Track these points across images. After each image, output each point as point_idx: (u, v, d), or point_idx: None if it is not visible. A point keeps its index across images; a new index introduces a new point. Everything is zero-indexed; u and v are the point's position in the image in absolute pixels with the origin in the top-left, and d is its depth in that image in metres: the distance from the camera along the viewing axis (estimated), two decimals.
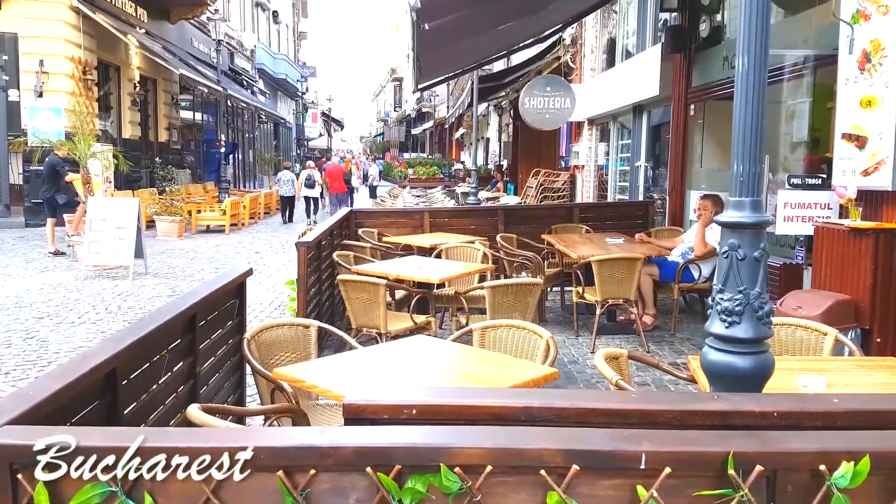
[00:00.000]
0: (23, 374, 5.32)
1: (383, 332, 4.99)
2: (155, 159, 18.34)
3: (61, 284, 8.75)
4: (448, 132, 38.71)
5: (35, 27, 13.83)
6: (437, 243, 6.87)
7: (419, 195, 18.32)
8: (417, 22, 4.81)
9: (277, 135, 36.15)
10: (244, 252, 12.22)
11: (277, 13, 34.52)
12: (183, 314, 2.90)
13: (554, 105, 10.01)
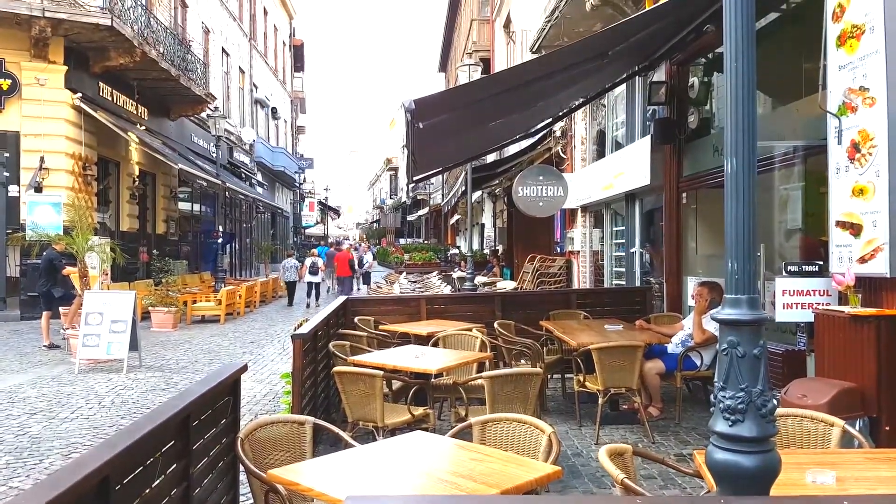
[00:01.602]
0: (13, 473, 5.17)
1: (380, 425, 4.88)
2: (152, 251, 18.45)
3: (55, 378, 8.62)
4: (443, 218, 39.27)
5: (37, 125, 14.22)
6: (434, 331, 6.80)
7: (415, 280, 18.38)
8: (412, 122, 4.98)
9: (275, 224, 36.61)
10: (239, 342, 12.12)
11: (276, 109, 35.70)
12: (177, 415, 2.84)
13: (547, 193, 10.23)
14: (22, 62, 14.11)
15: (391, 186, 63.28)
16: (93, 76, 15.40)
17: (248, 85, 30.16)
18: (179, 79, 17.57)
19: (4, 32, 13.76)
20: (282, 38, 38.68)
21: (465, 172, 13.21)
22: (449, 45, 34.70)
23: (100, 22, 13.81)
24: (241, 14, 29.10)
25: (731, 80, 2.13)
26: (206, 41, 23.74)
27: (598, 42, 5.75)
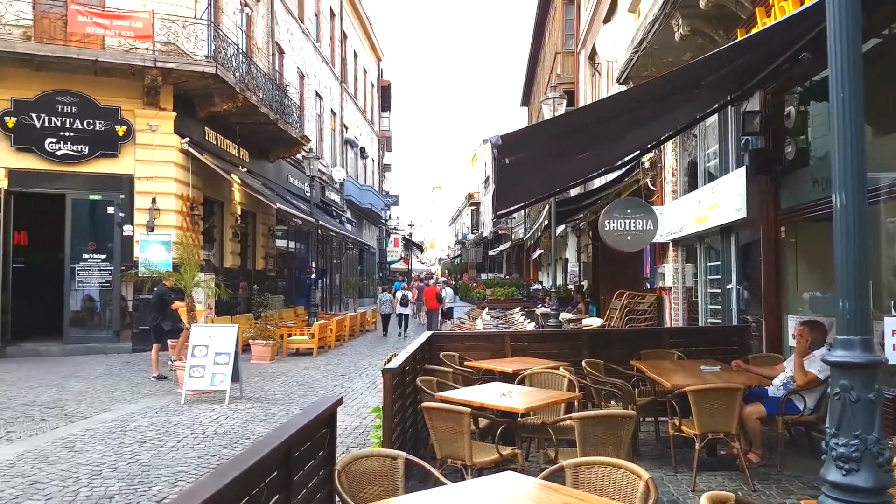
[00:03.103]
0: (125, 499, 5.48)
1: (468, 463, 4.86)
2: (252, 287, 19.32)
3: (163, 408, 9.12)
4: (525, 253, 39.04)
5: (149, 169, 15.27)
6: (519, 368, 6.74)
7: (497, 316, 18.33)
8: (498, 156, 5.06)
9: (362, 260, 37.56)
10: (330, 375, 12.44)
11: (364, 149, 36.93)
12: (280, 447, 2.97)
13: (635, 227, 10.02)
14: (136, 110, 15.25)
15: (472, 221, 63.71)
16: (199, 121, 16.48)
17: (339, 126, 31.37)
18: (277, 122, 18.52)
19: (120, 83, 14.95)
20: (370, 80, 40.10)
21: (549, 206, 13.13)
22: (532, 80, 34.92)
23: (205, 70, 14.82)
24: (332, 58, 30.44)
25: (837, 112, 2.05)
26: (301, 86, 24.96)
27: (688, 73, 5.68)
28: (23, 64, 14.02)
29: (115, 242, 15.14)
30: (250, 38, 20.07)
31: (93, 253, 15.11)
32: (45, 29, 14.73)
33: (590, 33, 18.74)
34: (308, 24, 26.45)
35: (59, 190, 14.84)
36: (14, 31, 14.13)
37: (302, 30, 25.43)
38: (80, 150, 14.75)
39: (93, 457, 6.66)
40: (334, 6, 30.89)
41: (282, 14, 22.91)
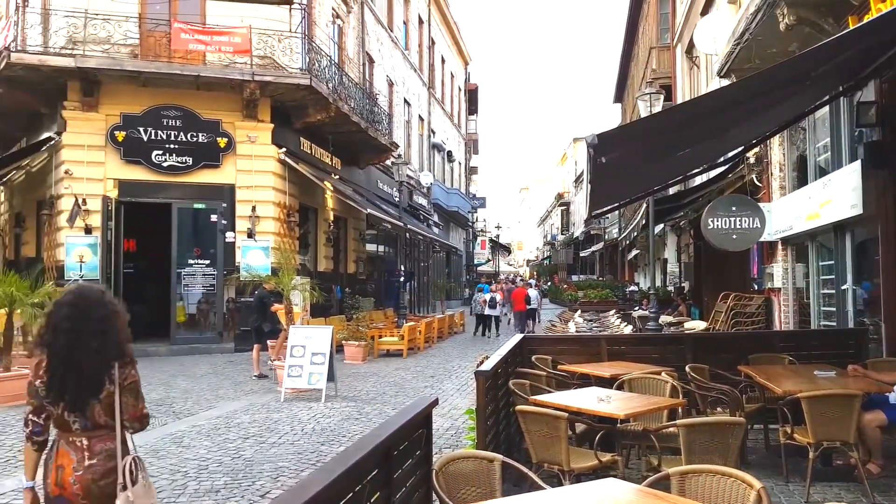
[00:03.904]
0: (230, 493, 5.71)
1: (566, 469, 4.79)
2: (344, 289, 19.83)
3: (264, 406, 9.48)
4: (620, 254, 38.14)
5: (249, 178, 15.93)
6: (617, 373, 6.54)
7: (591, 319, 17.95)
8: (594, 156, 4.92)
9: (449, 262, 37.80)
10: (420, 376, 12.56)
11: (451, 153, 37.19)
12: (380, 445, 3.00)
13: (741, 225, 9.55)
14: (236, 122, 15.93)
15: (562, 222, 62.83)
16: (294, 132, 17.08)
17: (427, 131, 31.74)
18: (367, 130, 18.94)
19: (221, 96, 15.67)
20: (457, 84, 40.37)
21: (647, 205, 12.73)
22: (625, 76, 34.13)
23: (300, 82, 15.33)
24: (420, 65, 30.85)
25: None
26: (390, 93, 25.43)
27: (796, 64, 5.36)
28: (131, 81, 14.90)
29: (217, 248, 15.87)
30: (342, 49, 20.63)
31: (197, 258, 15.90)
32: (151, 47, 15.63)
33: (686, 26, 18.12)
34: (397, 32, 26.94)
35: (166, 199, 15.69)
36: (122, 50, 15.06)
37: (391, 38, 25.92)
38: (184, 161, 15.55)
39: (199, 452, 6.99)
40: (422, 13, 31.31)
41: (372, 24, 23.43)
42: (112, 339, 3.00)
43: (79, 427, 2.93)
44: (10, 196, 19.00)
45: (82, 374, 2.91)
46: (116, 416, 2.95)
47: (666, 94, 14.51)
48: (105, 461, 2.92)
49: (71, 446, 2.92)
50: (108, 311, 3.05)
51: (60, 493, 2.87)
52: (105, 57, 14.58)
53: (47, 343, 2.94)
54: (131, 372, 3.02)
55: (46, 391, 2.91)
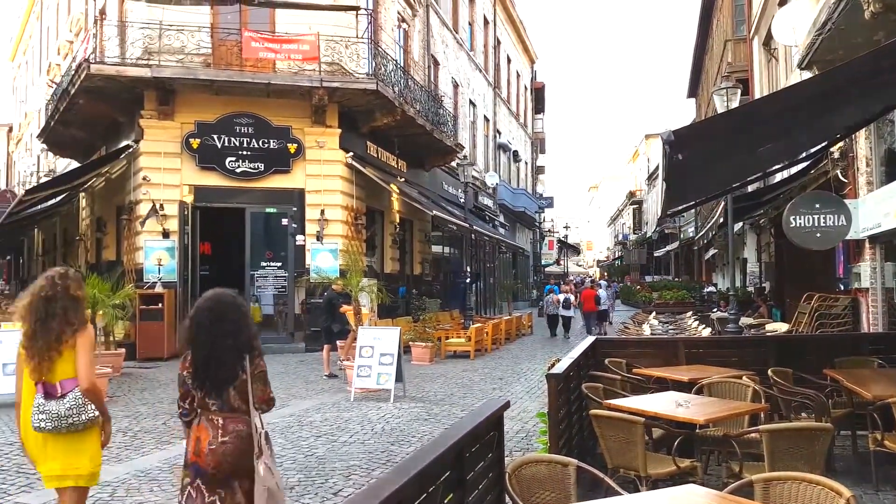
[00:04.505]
0: (304, 490, 5.81)
1: (642, 474, 4.71)
2: (411, 290, 19.97)
3: (335, 405, 9.63)
4: (696, 253, 37.06)
5: (318, 183, 16.23)
6: (696, 377, 6.37)
7: (667, 321, 17.48)
8: (670, 153, 4.76)
9: (516, 263, 37.56)
10: (488, 378, 12.49)
11: (517, 152, 36.93)
12: (454, 447, 2.98)
13: (825, 223, 9.08)
14: (305, 128, 16.26)
15: (634, 221, 61.44)
16: (361, 136, 17.32)
17: (492, 132, 31.66)
18: (433, 133, 19.04)
19: (290, 103, 16.02)
20: (523, 83, 40.11)
21: (725, 203, 12.30)
22: (699, 70, 33.12)
23: (366, 87, 15.54)
24: (486, 65, 30.81)
25: None
26: (455, 95, 25.51)
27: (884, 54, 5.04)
28: (204, 89, 15.40)
29: (288, 251, 16.25)
30: (407, 53, 20.81)
31: (269, 261, 16.32)
32: (223, 56, 16.11)
33: (763, 17, 17.44)
34: (462, 33, 26.99)
35: (239, 204, 16.16)
36: (196, 60, 15.59)
37: (456, 40, 25.98)
38: (256, 167, 15.98)
39: (274, 449, 7.10)
40: (488, 14, 31.26)
41: (437, 27, 23.55)
42: (243, 335, 3.51)
43: (216, 408, 3.45)
44: (91, 202, 20.03)
45: (220, 365, 3.44)
46: (249, 400, 3.45)
47: (743, 88, 13.97)
48: (235, 440, 3.39)
49: (209, 423, 3.43)
50: (240, 312, 3.59)
51: (196, 461, 3.40)
52: (179, 66, 15.13)
53: (192, 339, 3.49)
54: (259, 362, 3.55)
55: (192, 379, 3.46)
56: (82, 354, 3.76)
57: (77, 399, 3.74)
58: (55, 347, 3.72)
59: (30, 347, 3.73)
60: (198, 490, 3.38)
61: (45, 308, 3.75)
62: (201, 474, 3.38)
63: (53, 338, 3.72)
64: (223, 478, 3.38)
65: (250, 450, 3.40)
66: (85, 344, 3.78)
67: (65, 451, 3.76)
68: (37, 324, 3.73)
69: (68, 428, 3.72)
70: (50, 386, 3.73)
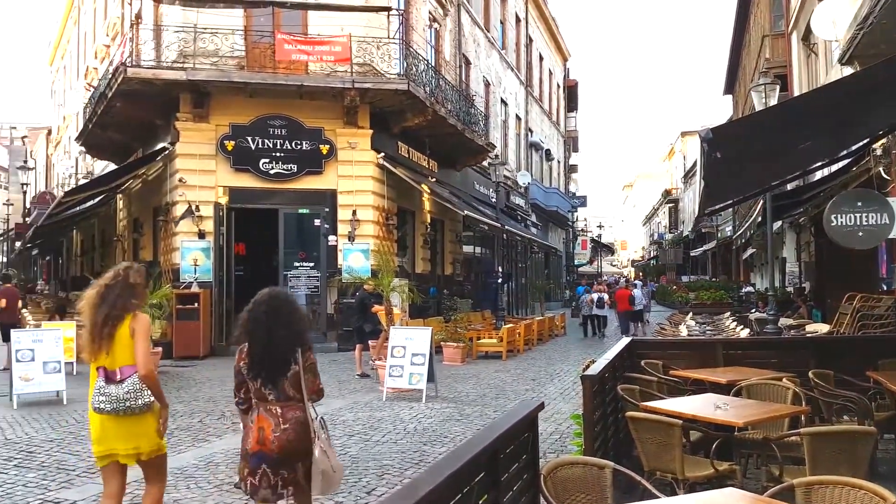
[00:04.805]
0: (338, 488, 5.80)
1: (680, 477, 4.65)
2: (442, 291, 19.97)
3: (367, 404, 9.66)
4: (734, 253, 36.44)
5: (349, 184, 16.30)
6: (734, 379, 6.28)
7: (704, 322, 17.20)
8: (708, 151, 4.68)
9: (548, 263, 37.33)
10: (521, 379, 12.41)
11: (550, 151, 36.68)
12: (488, 448, 2.95)
13: (868, 222, 8.83)
14: (337, 129, 16.33)
15: (670, 220, 60.56)
16: (392, 136, 17.37)
17: (524, 130, 31.51)
18: (464, 132, 19.00)
19: (322, 104, 16.12)
20: (556, 81, 39.86)
21: (764, 201, 12.04)
22: (736, 66, 32.54)
23: (398, 88, 15.56)
24: (518, 63, 30.68)
25: None
26: (486, 94, 25.44)
27: None
28: (238, 92, 15.57)
29: (320, 251, 16.37)
30: (438, 53, 20.81)
31: (302, 261, 16.46)
32: (256, 58, 16.28)
33: (803, 12, 17.05)
34: (494, 32, 26.92)
35: (272, 205, 16.32)
36: (230, 63, 15.77)
37: (488, 39, 25.93)
38: (289, 168, 16.12)
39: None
40: (520, 12, 31.12)
41: (468, 26, 23.52)
42: (296, 330, 3.83)
43: (273, 398, 3.77)
44: (128, 203, 20.43)
45: (275, 356, 3.75)
46: (303, 389, 3.78)
47: (781, 84, 13.64)
48: (294, 425, 3.74)
49: (268, 413, 3.74)
50: (293, 308, 3.94)
51: (260, 449, 3.70)
52: (214, 69, 15.32)
53: (250, 333, 3.80)
54: (310, 356, 3.88)
55: (248, 370, 3.77)
56: (140, 342, 3.98)
57: (135, 384, 3.96)
58: (110, 332, 3.95)
59: (90, 333, 4.00)
60: (263, 474, 3.71)
61: (104, 295, 4.02)
62: (267, 460, 3.70)
63: (109, 323, 3.96)
64: (286, 460, 3.71)
65: (308, 434, 3.74)
66: (142, 332, 3.99)
67: (125, 432, 4.00)
68: (96, 310, 3.99)
69: (125, 411, 3.95)
70: (110, 371, 3.98)
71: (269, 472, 3.70)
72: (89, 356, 4.03)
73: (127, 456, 4.05)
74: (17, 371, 9.52)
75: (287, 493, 3.79)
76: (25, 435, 7.83)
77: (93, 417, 4.05)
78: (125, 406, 3.94)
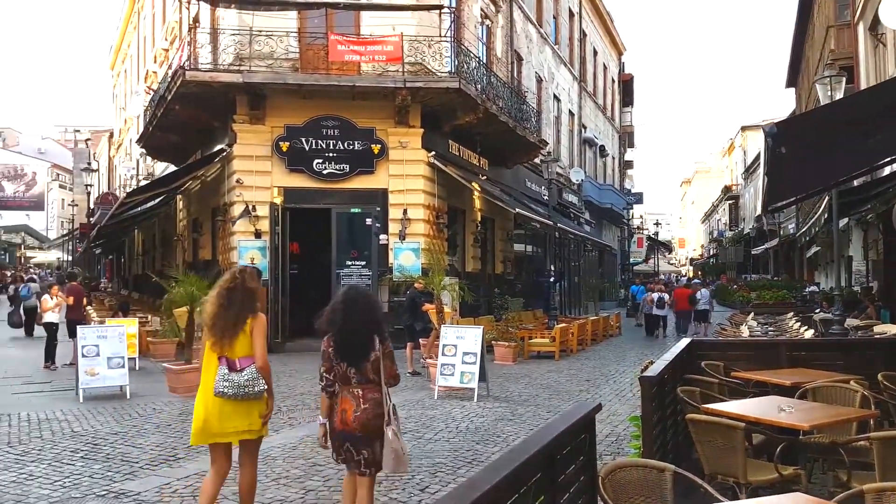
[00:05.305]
0: (391, 485, 5.85)
1: (742, 482, 4.56)
2: (494, 289, 19.88)
3: (419, 402, 9.68)
4: (798, 251, 35.27)
5: (400, 183, 16.37)
6: (799, 381, 6.10)
7: (766, 322, 16.67)
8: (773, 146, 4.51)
9: (602, 262, 36.71)
10: (574, 380, 12.24)
11: (604, 147, 36.07)
12: (545, 448, 2.91)
13: None
14: (388, 129, 16.40)
15: (730, 217, 58.91)
16: (443, 135, 17.36)
17: (577, 126, 31.11)
18: (516, 129, 18.84)
19: (374, 104, 16.21)
20: (610, 76, 39.25)
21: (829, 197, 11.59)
22: (799, 58, 31.43)
23: (449, 86, 15.52)
24: (571, 58, 30.32)
25: None
26: (538, 90, 25.21)
27: None
28: (293, 93, 15.78)
29: (372, 250, 16.49)
30: (490, 49, 20.72)
31: (354, 260, 16.61)
32: (310, 60, 16.47)
33: (870, 1, 16.38)
34: (546, 27, 26.66)
35: (325, 205, 16.48)
36: (284, 65, 16.01)
37: (540, 34, 25.69)
38: (342, 168, 16.29)
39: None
40: (573, 6, 30.74)
41: (520, 22, 23.35)
42: (373, 319, 4.34)
43: (356, 381, 4.24)
44: (187, 204, 20.98)
45: (354, 342, 4.24)
46: (381, 373, 4.24)
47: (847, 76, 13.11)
48: (373, 406, 4.20)
49: (350, 395, 4.22)
50: (370, 301, 4.54)
51: (343, 428, 4.20)
52: (269, 72, 15.58)
53: (333, 322, 4.29)
54: (388, 344, 4.33)
55: (335, 355, 4.26)
56: (258, 338, 4.55)
57: (253, 373, 4.49)
58: (234, 329, 4.50)
59: (213, 326, 4.55)
60: (348, 451, 4.22)
61: (227, 297, 4.57)
62: (350, 438, 4.20)
63: (232, 321, 4.50)
64: (367, 438, 4.18)
65: (382, 414, 4.19)
66: (260, 329, 4.57)
67: (240, 414, 4.51)
68: (220, 309, 4.54)
69: (244, 396, 4.46)
70: (231, 361, 4.50)
71: (352, 450, 4.21)
72: (214, 348, 4.54)
73: (237, 434, 4.55)
74: (82, 366, 9.89)
75: (370, 473, 4.25)
76: (91, 428, 8.12)
77: (212, 401, 4.49)
78: (244, 392, 4.45)
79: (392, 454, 4.16)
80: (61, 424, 8.29)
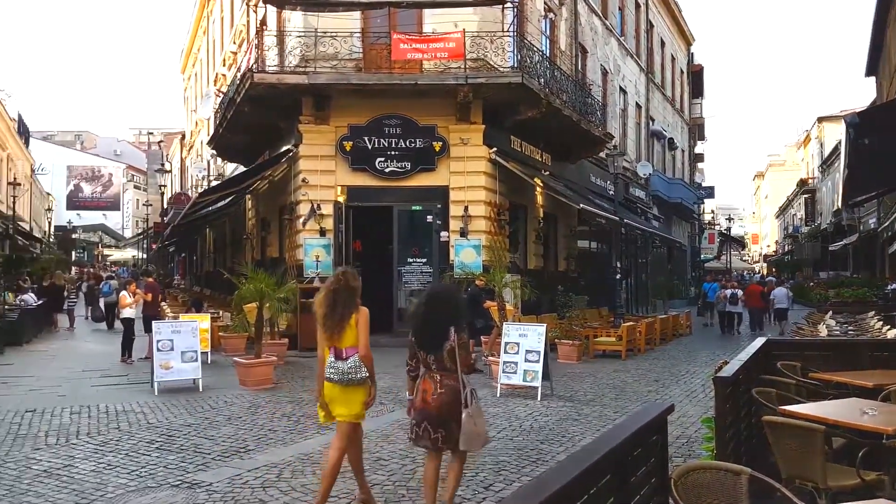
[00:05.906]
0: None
1: (821, 486, 4.43)
2: (557, 287, 19.62)
3: (481, 400, 9.48)
4: (879, 247, 33.53)
5: (461, 179, 16.34)
6: (883, 383, 5.88)
7: (845, 321, 15.91)
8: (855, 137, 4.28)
9: (671, 258, 35.69)
10: (642, 380, 11.94)
11: (673, 140, 35.06)
12: (615, 450, 2.83)
13: None
14: (449, 126, 16.38)
15: (806, 212, 56.47)
16: (504, 130, 17.23)
17: (645, 119, 30.38)
18: (580, 123, 18.52)
19: (436, 102, 16.20)
20: (679, 67, 38.19)
21: None
22: (879, 45, 29.76)
23: (511, 81, 15.38)
24: (637, 50, 29.65)
25: None
26: (604, 83, 24.75)
27: None
28: (356, 93, 15.93)
29: (432, 247, 16.55)
30: (553, 43, 20.45)
31: (415, 257, 16.71)
32: (373, 59, 16.62)
33: None
34: (612, 19, 26.15)
35: (387, 203, 16.64)
36: (348, 65, 16.19)
37: (606, 26, 25.21)
38: (403, 166, 16.39)
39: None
40: None
41: (585, 14, 22.97)
42: (450, 312, 4.82)
43: (434, 367, 4.74)
44: (256, 203, 21.53)
45: (434, 332, 4.74)
46: (457, 362, 4.69)
47: None
48: (449, 391, 4.67)
49: (430, 379, 4.74)
50: (448, 295, 5.11)
51: (423, 407, 4.72)
52: (333, 72, 15.79)
53: (415, 315, 4.92)
54: (462, 335, 4.79)
55: (416, 343, 4.81)
56: (362, 330, 5.05)
57: (356, 362, 4.99)
58: (340, 324, 5.02)
59: (324, 324, 5.08)
60: (425, 429, 4.69)
61: (333, 296, 5.08)
62: (428, 417, 4.68)
63: (338, 317, 5.02)
64: (443, 418, 4.64)
65: (459, 400, 4.64)
66: (363, 322, 5.06)
67: (345, 398, 5.05)
68: (328, 307, 5.06)
69: (347, 382, 4.99)
70: (339, 350, 5.04)
71: (429, 428, 4.67)
72: (326, 340, 5.08)
73: (342, 416, 5.07)
74: (157, 360, 10.27)
75: (450, 450, 4.76)
76: (165, 420, 8.42)
77: (325, 386, 5.10)
78: (348, 378, 4.97)
79: (467, 434, 4.60)
80: (137, 416, 8.63)
